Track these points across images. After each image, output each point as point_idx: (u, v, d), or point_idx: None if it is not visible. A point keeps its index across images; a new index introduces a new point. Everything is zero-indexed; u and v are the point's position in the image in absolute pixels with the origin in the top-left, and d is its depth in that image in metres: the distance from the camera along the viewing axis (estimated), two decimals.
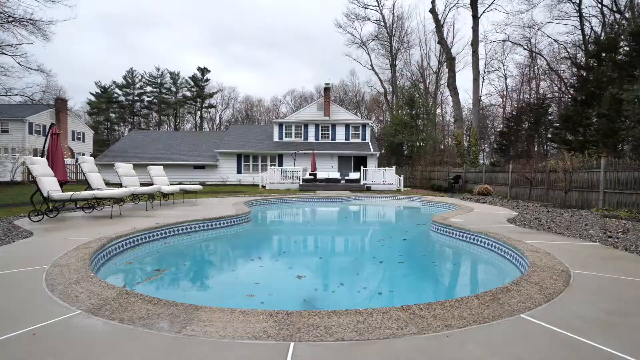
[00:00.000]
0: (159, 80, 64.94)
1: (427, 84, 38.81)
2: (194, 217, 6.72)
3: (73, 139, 35.73)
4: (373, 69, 38.38)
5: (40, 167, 6.58)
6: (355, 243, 6.86)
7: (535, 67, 32.41)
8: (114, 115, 65.41)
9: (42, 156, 8.43)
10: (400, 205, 12.99)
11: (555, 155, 17.42)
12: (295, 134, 25.29)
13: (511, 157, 22.69)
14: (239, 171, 24.34)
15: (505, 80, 37.92)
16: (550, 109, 26.69)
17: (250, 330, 1.93)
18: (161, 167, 11.35)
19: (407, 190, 19.06)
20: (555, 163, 10.62)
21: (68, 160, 27.21)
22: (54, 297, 2.43)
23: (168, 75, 64.83)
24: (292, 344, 1.79)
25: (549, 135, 24.47)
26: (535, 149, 26.97)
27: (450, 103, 31.45)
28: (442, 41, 24.15)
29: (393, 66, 36.57)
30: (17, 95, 24.15)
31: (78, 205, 7.78)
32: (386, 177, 19.84)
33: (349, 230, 8.23)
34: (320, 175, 21.18)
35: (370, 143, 24.68)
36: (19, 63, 23.16)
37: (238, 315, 2.13)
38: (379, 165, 25.45)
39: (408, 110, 29.95)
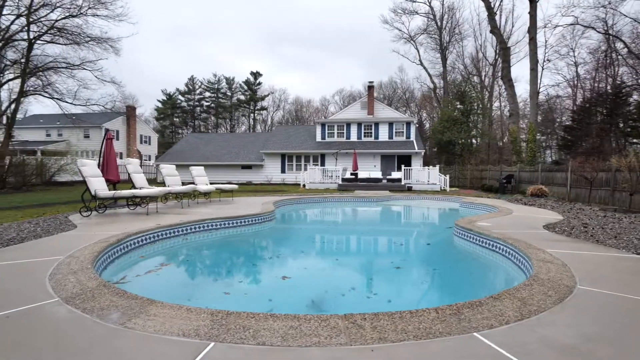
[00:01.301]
0: (216, 86, 69.30)
1: (483, 77, 36.21)
2: (219, 215, 7.08)
3: (141, 142, 39.70)
4: (422, 64, 36.84)
5: (89, 168, 7.45)
6: (375, 246, 6.66)
7: (613, 52, 28.43)
8: (177, 119, 71.21)
9: (99, 158, 9.53)
10: (436, 207, 12.33)
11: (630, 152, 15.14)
12: (338, 133, 25.28)
13: (578, 154, 20.24)
14: (282, 171, 25.02)
15: (576, 68, 33.87)
16: (631, 99, 23.22)
17: (184, 328, 2.01)
18: (202, 168, 12.11)
19: (452, 191, 18.02)
20: (617, 161, 9.23)
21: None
22: (48, 285, 2.76)
23: (224, 80, 68.91)
24: (211, 344, 1.83)
25: (628, 129, 21.35)
26: (613, 144, 23.68)
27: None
28: (495, 30, 22.32)
29: (444, 60, 34.72)
30: (94, 105, 27.51)
31: (128, 203, 8.67)
32: (430, 176, 18.95)
33: (373, 232, 8.04)
34: (362, 174, 20.95)
35: (414, 141, 23.75)
36: (96, 77, 26.30)
37: (183, 312, 2.22)
38: (426, 164, 24.37)
39: (459, 106, 28.24)
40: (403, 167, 18.67)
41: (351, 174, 20.94)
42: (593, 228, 5.91)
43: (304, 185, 20.01)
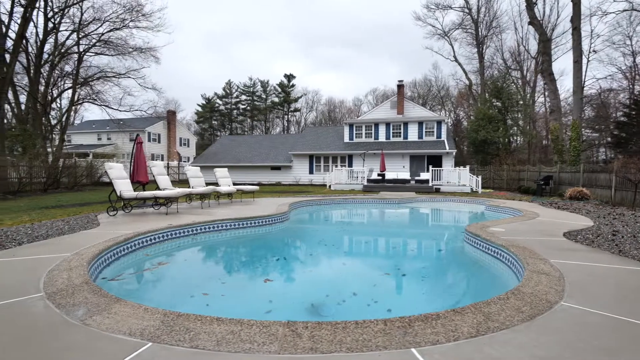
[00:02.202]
0: (251, 89, 71.44)
1: (525, 72, 34.02)
2: (232, 216, 7.30)
3: (180, 145, 41.95)
4: (456, 60, 35.38)
5: (115, 171, 8.03)
6: (384, 251, 6.50)
7: None
8: (216, 122, 74.28)
9: (131, 160, 10.20)
10: (458, 210, 11.81)
11: None
12: (366, 134, 25.00)
13: (631, 152, 18.35)
14: (310, 172, 25.23)
15: (634, 57, 30.69)
16: None
17: (133, 327, 2.13)
18: (225, 169, 12.54)
19: (485, 193, 17.13)
20: None
21: (174, 163, 32.11)
22: (42, 280, 3.03)
23: (259, 83, 70.86)
24: (148, 345, 1.92)
25: None
26: None
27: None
28: (534, 21, 20.83)
29: (480, 55, 33.08)
30: (136, 110, 29.52)
31: (152, 203, 9.23)
32: (460, 177, 18.16)
33: (384, 236, 7.87)
34: (389, 175, 20.58)
35: (445, 141, 22.87)
36: (139, 84, 28.22)
37: (141, 311, 2.34)
38: (461, 165, 23.39)
39: (495, 103, 26.76)
40: (431, 167, 18.07)
41: (378, 175, 20.65)
42: (622, 237, 5.35)
43: (329, 187, 20.04)
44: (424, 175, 19.29)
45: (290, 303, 3.45)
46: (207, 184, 11.76)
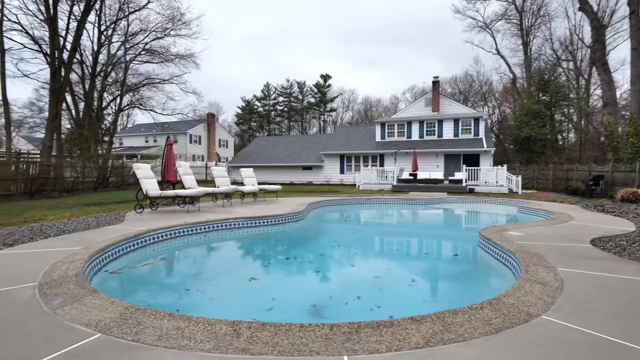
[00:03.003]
0: (288, 90, 72.70)
1: (578, 62, 31.13)
2: (247, 215, 7.47)
3: (219, 146, 43.81)
4: (499, 53, 33.29)
5: (142, 171, 8.56)
6: (396, 254, 6.24)
7: None
8: (254, 124, 76.58)
9: (162, 161, 10.83)
10: (487, 211, 11.10)
11: None
12: (398, 132, 24.38)
13: None
14: (342, 171, 25.12)
15: None
16: None
17: (94, 318, 2.25)
18: (251, 170, 12.87)
19: (525, 194, 15.97)
20: None
21: (212, 163, 33.61)
22: (42, 272, 3.30)
23: (296, 85, 71.90)
24: (97, 336, 2.01)
25: None
26: None
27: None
28: (585, 7, 18.98)
29: (525, 46, 30.84)
30: (178, 114, 31.27)
31: (178, 202, 9.73)
32: (498, 177, 17.08)
33: (399, 238, 7.61)
34: (422, 175, 19.92)
35: (484, 139, 21.62)
36: (181, 89, 29.89)
37: (107, 304, 2.47)
38: (501, 164, 22.03)
39: (542, 97, 24.78)
40: (464, 167, 17.18)
41: (410, 175, 20.06)
42: None
43: (358, 187, 19.82)
44: (459, 175, 18.39)
45: (293, 303, 3.44)
46: (238, 183, 12.15)
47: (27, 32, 20.64)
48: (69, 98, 24.50)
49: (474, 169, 17.78)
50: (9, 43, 19.11)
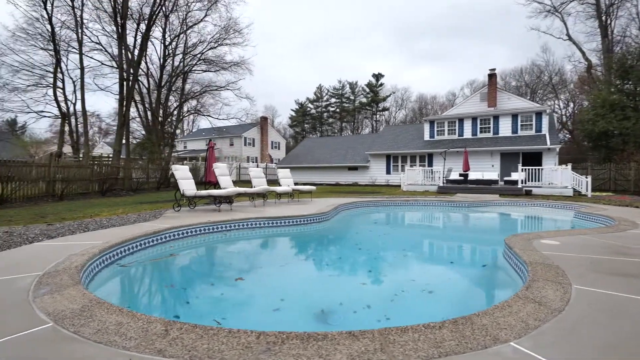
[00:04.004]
0: (340, 92, 72.92)
1: None
2: (276, 214, 7.60)
3: (272, 148, 45.47)
4: (570, 39, 29.56)
5: (180, 172, 9.19)
6: (420, 262, 5.76)
7: None
8: (307, 125, 78.16)
9: (204, 162, 11.52)
10: (536, 215, 9.89)
11: None
12: (449, 130, 22.95)
13: None
14: (388, 172, 24.42)
15: None
16: None
17: (60, 307, 2.42)
18: (288, 170, 13.12)
19: (595, 196, 13.97)
20: None
21: (263, 164, 34.99)
22: (53, 263, 3.67)
23: (347, 86, 71.83)
24: (49, 325, 2.17)
25: None
26: None
27: None
28: None
29: (603, 29, 26.96)
30: (232, 118, 33.09)
31: (215, 201, 10.27)
32: (562, 177, 15.18)
33: (427, 245, 7.12)
34: (473, 175, 18.56)
35: (547, 135, 19.36)
36: (235, 95, 31.66)
37: (79, 296, 2.65)
38: (571, 163, 19.60)
39: (628, 85, 21.42)
40: (520, 166, 15.55)
41: (460, 175, 18.80)
42: None
43: (403, 188, 19.08)
44: (515, 176, 16.71)
45: (301, 306, 3.40)
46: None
47: (106, 51, 23.55)
48: (140, 107, 27.38)
49: (534, 169, 16.00)
50: (88, 61, 22.01)
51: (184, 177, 9.22)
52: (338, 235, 7.61)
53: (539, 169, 16.07)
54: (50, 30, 20.31)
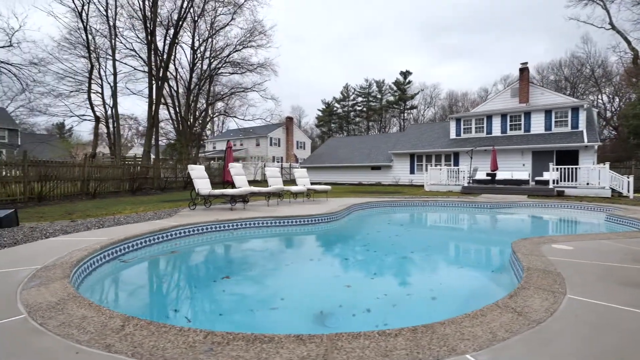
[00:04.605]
0: (367, 90, 72.14)
1: None
2: (286, 213, 7.64)
3: (297, 148, 45.84)
4: (614, 28, 27.32)
5: (195, 172, 9.47)
6: (425, 266, 5.47)
7: None
8: (334, 125, 78.05)
9: (223, 162, 11.82)
10: (563, 217, 9.23)
11: None
12: (476, 128, 21.99)
13: None
14: (412, 171, 23.83)
15: None
16: None
17: (38, 300, 2.55)
18: (304, 170, 13.14)
19: (636, 198, 12.82)
20: None
21: (286, 164, 35.35)
22: (54, 257, 3.90)
23: (374, 84, 70.94)
24: (22, 316, 2.29)
25: None
26: None
27: None
28: None
29: None
30: (258, 119, 33.70)
31: (230, 200, 10.49)
32: (600, 177, 14.09)
33: (436, 248, 6.83)
34: (502, 175, 17.70)
35: (584, 132, 18.03)
36: (261, 96, 32.27)
37: (59, 290, 2.78)
38: (607, 161, 18.17)
39: None
40: (551, 165, 14.59)
41: (487, 175, 18.00)
42: None
43: (426, 188, 18.53)
44: (547, 176, 15.72)
45: (300, 305, 3.39)
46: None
47: (139, 57, 24.79)
48: (171, 110, 28.59)
49: (569, 168, 14.96)
50: (123, 67, 23.26)
51: (199, 177, 9.49)
52: (345, 236, 7.50)
53: (573, 168, 15.00)
54: (85, 38, 21.70)
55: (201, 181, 9.43)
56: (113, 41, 21.16)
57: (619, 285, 2.97)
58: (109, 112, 26.55)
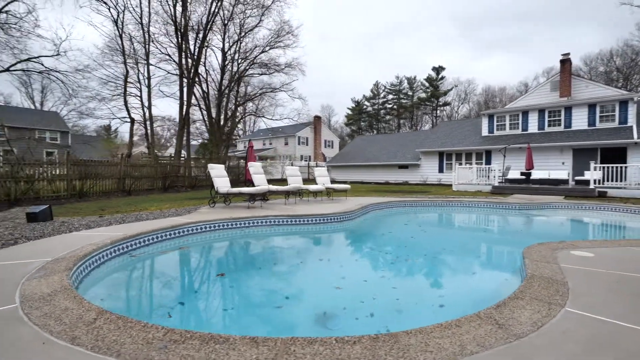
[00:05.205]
0: (397, 87, 70.73)
1: None
2: (300, 212, 7.67)
3: (325, 146, 45.87)
4: None
5: (215, 171, 9.73)
6: (431, 272, 5.24)
7: None
8: (364, 123, 77.34)
9: (245, 162, 12.10)
10: (596, 221, 8.42)
11: None
12: (511, 125, 20.79)
13: None
14: (440, 170, 23.02)
15: None
16: None
17: (33, 291, 2.72)
18: (324, 169, 13.12)
19: None
20: None
21: (313, 163, 35.47)
22: (65, 251, 4.15)
23: (405, 81, 69.40)
24: (15, 305, 2.46)
25: None
26: None
27: None
28: None
29: None
30: (285, 118, 34.10)
31: (252, 199, 10.70)
32: None
33: (449, 251, 6.52)
34: (538, 174, 16.64)
35: (634, 127, 16.45)
36: (289, 96, 32.61)
37: (56, 282, 2.96)
38: None
39: None
40: (592, 164, 13.45)
41: (521, 174, 17.00)
42: None
43: (454, 187, 17.82)
44: (588, 175, 14.53)
45: (304, 306, 3.39)
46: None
47: (173, 60, 25.95)
48: (204, 111, 29.68)
49: (614, 167, 13.72)
50: (157, 71, 24.41)
51: (218, 175, 9.75)
52: (356, 236, 7.37)
53: (620, 167, 13.73)
54: (121, 45, 23.07)
55: (220, 180, 9.68)
56: (147, 46, 22.34)
57: (632, 296, 2.66)
58: (147, 113, 28.07)
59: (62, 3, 31.46)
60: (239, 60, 28.57)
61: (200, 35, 23.62)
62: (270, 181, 25.94)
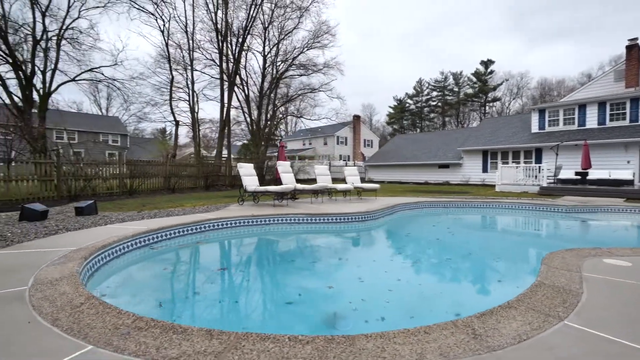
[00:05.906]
0: (442, 84, 67.80)
1: None
2: (323, 211, 7.68)
3: (364, 146, 45.33)
4: None
5: (244, 170, 10.04)
6: (451, 278, 4.87)
7: None
8: (406, 122, 75.26)
9: (277, 160, 12.37)
10: None
11: None
12: (565, 120, 18.93)
13: None
14: (484, 170, 21.63)
15: None
16: None
17: (44, 277, 3.01)
18: (355, 168, 12.94)
19: None
20: None
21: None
22: (90, 242, 4.52)
23: (450, 77, 66.30)
24: (25, 287, 2.73)
25: None
26: None
27: None
28: None
29: None
30: (323, 118, 34.18)
31: (280, 197, 10.90)
32: None
33: (474, 256, 6.08)
34: (596, 174, 15.06)
35: None
36: (327, 96, 32.68)
37: (65, 271, 3.23)
38: None
39: None
40: None
41: (576, 174, 15.47)
42: None
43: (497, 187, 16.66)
44: None
45: (315, 304, 3.40)
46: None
47: (217, 65, 27.26)
48: (246, 114, 30.83)
49: None
50: (202, 76, 25.65)
51: (247, 174, 10.05)
52: (378, 236, 7.18)
53: None
54: (167, 52, 24.69)
55: (249, 178, 9.97)
56: (192, 53, 23.71)
57: None
58: (196, 116, 29.79)
59: (118, 18, 34.47)
60: (278, 63, 29.20)
61: (240, 40, 24.55)
62: (307, 180, 26.24)
